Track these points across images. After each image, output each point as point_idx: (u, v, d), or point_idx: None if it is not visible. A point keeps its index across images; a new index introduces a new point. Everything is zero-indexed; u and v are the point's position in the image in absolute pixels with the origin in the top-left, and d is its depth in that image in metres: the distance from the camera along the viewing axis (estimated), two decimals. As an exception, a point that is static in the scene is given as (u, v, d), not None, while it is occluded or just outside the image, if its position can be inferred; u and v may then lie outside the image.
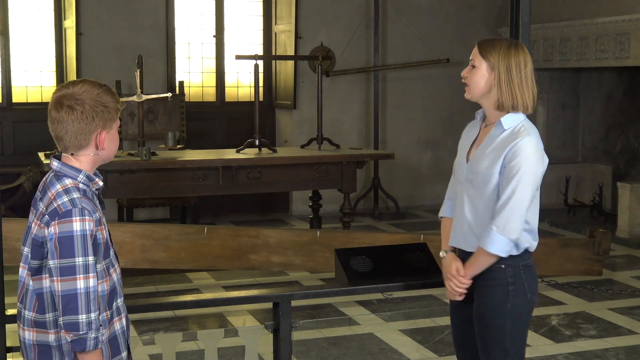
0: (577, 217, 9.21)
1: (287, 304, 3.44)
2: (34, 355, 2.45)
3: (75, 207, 2.34)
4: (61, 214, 2.33)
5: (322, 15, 9.51)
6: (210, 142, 9.17)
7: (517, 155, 2.86)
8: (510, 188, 2.85)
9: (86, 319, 2.32)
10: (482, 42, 3.00)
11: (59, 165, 2.44)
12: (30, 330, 2.46)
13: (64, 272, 2.32)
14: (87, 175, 2.44)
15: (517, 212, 2.85)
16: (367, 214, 9.42)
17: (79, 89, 2.41)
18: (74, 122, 2.40)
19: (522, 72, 2.91)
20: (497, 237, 2.85)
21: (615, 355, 5.01)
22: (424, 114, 9.94)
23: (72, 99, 2.40)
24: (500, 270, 2.93)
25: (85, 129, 2.41)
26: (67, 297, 2.32)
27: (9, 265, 5.43)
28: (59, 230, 2.32)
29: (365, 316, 5.74)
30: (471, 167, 2.98)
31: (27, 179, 7.88)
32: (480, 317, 2.98)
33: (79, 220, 2.33)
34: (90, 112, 2.40)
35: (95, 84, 2.45)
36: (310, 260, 6.05)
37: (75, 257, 2.32)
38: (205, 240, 5.91)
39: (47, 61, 9.00)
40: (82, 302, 2.32)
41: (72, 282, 2.32)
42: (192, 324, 5.53)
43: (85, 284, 2.33)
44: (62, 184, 2.40)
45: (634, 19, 7.96)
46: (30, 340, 2.46)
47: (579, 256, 6.30)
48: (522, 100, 2.92)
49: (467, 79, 2.99)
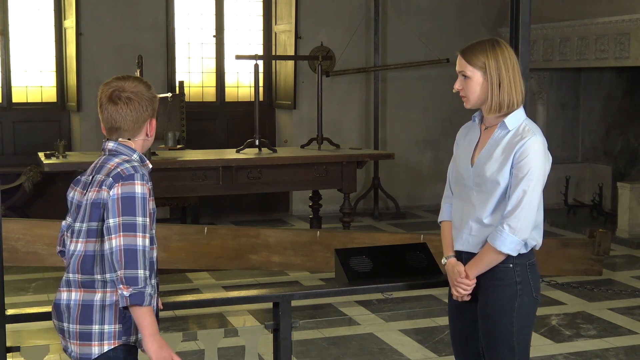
0: (577, 217, 9.21)
1: (287, 304, 3.44)
2: (77, 315, 2.55)
3: (137, 172, 2.54)
4: (125, 177, 2.51)
5: (322, 15, 9.51)
6: (210, 142, 9.17)
7: (525, 155, 2.86)
8: (520, 188, 2.85)
9: (144, 274, 2.45)
10: (465, 50, 2.97)
11: (115, 145, 2.63)
12: (78, 290, 2.56)
13: (126, 229, 2.45)
14: (140, 156, 2.66)
15: (529, 212, 2.86)
16: (367, 214, 9.42)
17: (130, 83, 2.64)
18: (132, 112, 2.62)
19: (510, 69, 2.91)
20: (509, 236, 2.86)
21: (615, 355, 5.01)
22: (424, 114, 9.95)
23: (128, 92, 2.62)
24: (508, 269, 2.93)
25: (140, 117, 2.64)
26: (128, 252, 2.44)
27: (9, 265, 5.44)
28: (122, 191, 2.49)
29: (365, 316, 5.74)
30: (477, 170, 2.95)
31: (27, 179, 7.89)
32: (487, 317, 2.97)
33: (140, 184, 2.52)
34: (144, 103, 2.64)
35: (139, 79, 2.71)
36: (310, 260, 6.05)
37: (136, 215, 2.48)
38: (205, 240, 5.91)
39: (47, 61, 9.01)
40: (141, 258, 2.45)
41: (133, 238, 2.45)
42: (192, 324, 5.53)
43: (144, 242, 2.47)
44: (120, 158, 2.60)
45: (634, 19, 7.96)
46: (75, 301, 2.56)
47: (579, 256, 6.30)
48: (516, 97, 2.92)
49: (463, 90, 2.97)
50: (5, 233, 4.49)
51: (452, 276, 3.02)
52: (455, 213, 3.08)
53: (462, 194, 3.04)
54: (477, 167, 2.96)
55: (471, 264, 2.98)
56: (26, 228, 5.64)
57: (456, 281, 2.99)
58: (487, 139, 2.98)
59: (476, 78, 2.93)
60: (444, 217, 3.17)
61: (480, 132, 3.03)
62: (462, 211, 3.03)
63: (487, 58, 2.91)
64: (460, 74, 2.97)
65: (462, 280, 2.97)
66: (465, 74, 2.95)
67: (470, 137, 3.06)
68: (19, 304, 5.21)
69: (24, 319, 3.16)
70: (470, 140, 3.05)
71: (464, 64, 2.95)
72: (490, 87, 2.91)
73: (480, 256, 2.95)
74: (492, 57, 2.90)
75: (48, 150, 6.61)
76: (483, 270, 2.95)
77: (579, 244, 6.35)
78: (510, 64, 2.92)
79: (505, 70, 2.91)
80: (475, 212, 2.96)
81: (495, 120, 2.97)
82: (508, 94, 2.91)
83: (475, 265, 2.96)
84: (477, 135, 3.03)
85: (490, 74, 2.90)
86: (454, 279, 3.01)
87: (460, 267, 2.99)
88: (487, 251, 2.93)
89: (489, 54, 2.91)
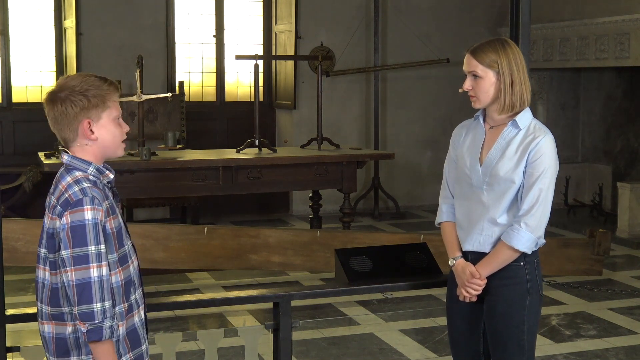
0: (577, 217, 9.21)
1: (287, 304, 3.44)
2: (53, 348, 2.45)
3: (86, 195, 2.34)
4: (72, 203, 2.34)
5: (322, 15, 9.51)
6: (210, 142, 9.17)
7: (540, 153, 2.87)
8: (537, 187, 2.86)
9: (101, 307, 2.31)
10: (475, 50, 2.93)
11: (69, 159, 2.45)
12: (50, 323, 2.44)
13: (77, 261, 2.31)
14: (97, 168, 2.45)
15: (545, 210, 2.89)
16: (367, 214, 9.42)
17: (60, 82, 2.43)
18: (55, 115, 2.41)
19: (520, 68, 2.91)
20: (526, 234, 2.86)
21: (615, 355, 5.01)
22: (424, 114, 9.95)
23: (52, 94, 2.42)
24: (519, 267, 2.93)
25: (64, 120, 2.41)
26: (81, 286, 2.31)
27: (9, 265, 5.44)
28: (71, 220, 2.32)
29: (365, 316, 5.74)
30: (488, 169, 2.93)
31: (27, 179, 7.88)
32: (497, 316, 2.96)
33: (90, 209, 2.33)
34: (67, 104, 2.39)
35: (79, 76, 2.45)
36: (310, 260, 6.05)
37: (87, 245, 2.31)
38: (205, 240, 5.91)
39: (47, 61, 9.00)
40: (97, 291, 2.31)
41: (86, 270, 2.31)
42: (192, 324, 5.53)
43: (99, 272, 2.32)
44: (72, 176, 2.41)
45: (634, 19, 7.96)
46: (49, 334, 2.45)
47: (579, 256, 6.30)
48: (526, 96, 2.93)
49: (473, 90, 2.93)
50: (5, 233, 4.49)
51: (463, 277, 2.98)
52: (461, 213, 3.05)
53: (467, 193, 3.01)
54: (487, 166, 2.94)
55: (483, 263, 2.95)
56: (26, 228, 5.64)
57: (468, 282, 2.96)
58: (494, 137, 2.96)
59: (489, 78, 2.90)
60: (445, 218, 3.13)
61: (485, 131, 3.01)
62: (469, 211, 3.00)
63: (499, 57, 2.89)
64: (471, 74, 2.93)
65: (474, 280, 2.95)
66: (476, 73, 2.91)
67: (474, 136, 3.03)
68: (19, 304, 5.20)
69: (24, 319, 3.15)
70: (475, 140, 3.02)
71: (475, 64, 2.91)
72: (503, 86, 2.89)
73: (494, 255, 2.93)
74: (504, 56, 2.89)
75: (48, 150, 6.61)
76: (495, 270, 2.94)
77: (579, 244, 6.35)
78: (520, 63, 2.91)
79: (517, 69, 2.90)
80: (487, 211, 2.94)
81: (504, 119, 2.95)
82: (520, 93, 2.90)
83: (488, 265, 2.94)
84: (483, 134, 3.00)
85: (503, 73, 2.89)
86: (464, 279, 2.97)
87: (472, 268, 2.96)
88: (501, 250, 2.91)
89: (500, 53, 2.89)
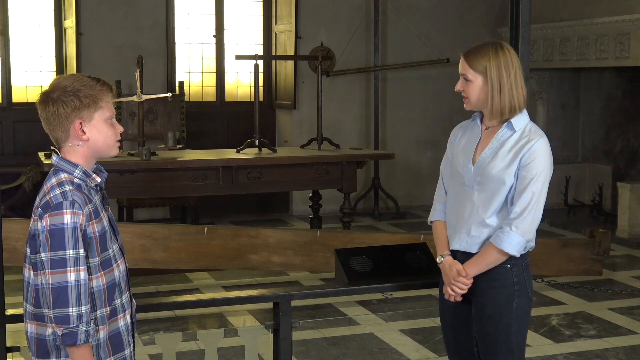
0: (577, 217, 9.21)
1: (287, 304, 3.44)
2: (34, 349, 2.45)
3: (66, 199, 2.34)
4: (52, 206, 2.33)
5: (322, 15, 9.51)
6: (210, 142, 9.17)
7: (534, 157, 2.87)
8: (529, 190, 2.86)
9: (77, 312, 2.31)
10: (467, 53, 2.95)
11: (57, 160, 2.45)
12: (32, 323, 2.45)
13: (54, 265, 2.31)
14: (83, 171, 2.44)
15: (537, 214, 2.88)
16: (367, 214, 9.42)
17: (53, 82, 2.44)
18: (48, 115, 2.42)
19: (512, 74, 2.90)
20: (516, 237, 2.86)
21: (615, 355, 5.01)
22: (424, 114, 9.95)
23: (45, 94, 2.43)
24: (506, 270, 2.93)
25: (56, 120, 2.42)
26: (57, 290, 2.31)
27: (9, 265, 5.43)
28: (50, 223, 2.32)
29: (365, 316, 5.74)
30: (480, 169, 2.94)
31: (27, 179, 7.88)
32: (485, 318, 2.97)
33: (69, 212, 2.32)
34: (59, 104, 2.40)
35: (71, 76, 2.46)
36: (310, 260, 6.05)
37: (65, 249, 2.31)
38: (205, 240, 5.91)
39: (47, 61, 9.00)
40: (73, 295, 2.31)
41: (63, 274, 2.31)
42: (192, 324, 5.53)
43: (76, 276, 2.32)
44: (57, 178, 2.41)
45: (634, 19, 7.96)
46: (31, 333, 2.46)
47: (579, 256, 6.29)
48: (517, 102, 2.92)
49: (464, 91, 2.96)
50: (5, 233, 4.48)
51: (449, 275, 2.99)
52: (451, 212, 3.06)
53: (459, 193, 3.02)
54: (479, 165, 2.95)
55: (471, 263, 2.95)
56: (26, 228, 5.59)
57: (453, 280, 2.97)
58: (489, 138, 2.97)
59: (477, 82, 2.92)
60: (437, 216, 3.14)
61: (481, 132, 3.02)
62: (459, 210, 3.01)
63: (488, 62, 2.89)
64: (462, 76, 2.96)
65: (460, 279, 2.95)
66: (466, 77, 2.94)
67: (470, 136, 3.04)
68: (19, 304, 5.20)
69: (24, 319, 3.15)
70: (471, 139, 3.03)
71: (466, 67, 2.93)
72: (490, 92, 2.90)
73: (482, 256, 2.93)
74: (494, 62, 2.89)
75: (48, 150, 6.61)
76: (483, 270, 2.94)
77: (579, 244, 6.35)
78: (512, 68, 2.90)
79: (507, 75, 2.89)
80: (476, 211, 2.94)
81: (498, 121, 2.96)
82: (509, 99, 2.90)
83: (476, 265, 2.94)
84: (478, 135, 3.02)
85: (491, 79, 2.89)
86: (450, 277, 2.98)
87: (459, 266, 2.97)
88: (489, 251, 2.91)
89: (491, 58, 2.89)
